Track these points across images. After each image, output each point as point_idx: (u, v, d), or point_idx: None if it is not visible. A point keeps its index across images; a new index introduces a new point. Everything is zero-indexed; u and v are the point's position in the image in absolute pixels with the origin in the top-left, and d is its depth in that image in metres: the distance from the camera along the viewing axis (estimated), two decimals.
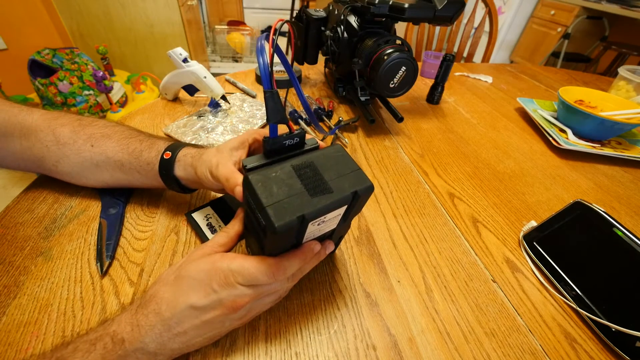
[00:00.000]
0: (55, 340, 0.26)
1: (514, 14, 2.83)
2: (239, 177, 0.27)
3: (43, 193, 0.39)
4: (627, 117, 0.61)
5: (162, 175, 0.34)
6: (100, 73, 1.21)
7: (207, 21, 2.69)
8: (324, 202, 0.21)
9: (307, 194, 0.21)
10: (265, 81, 0.24)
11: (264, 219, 0.20)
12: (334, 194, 0.21)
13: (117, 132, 0.36)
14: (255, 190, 0.20)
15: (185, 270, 0.24)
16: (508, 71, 1.02)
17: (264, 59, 0.23)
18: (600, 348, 0.30)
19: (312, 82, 0.79)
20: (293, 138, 0.26)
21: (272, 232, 0.19)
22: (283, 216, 0.19)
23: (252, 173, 0.21)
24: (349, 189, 0.22)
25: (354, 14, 0.58)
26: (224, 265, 0.23)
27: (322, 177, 0.22)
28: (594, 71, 2.43)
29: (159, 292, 0.24)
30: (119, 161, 0.35)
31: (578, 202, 0.38)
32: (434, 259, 0.37)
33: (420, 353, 0.28)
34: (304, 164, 0.23)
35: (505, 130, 0.67)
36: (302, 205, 0.20)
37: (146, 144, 0.35)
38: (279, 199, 0.20)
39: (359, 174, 0.23)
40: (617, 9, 2.14)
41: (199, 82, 0.57)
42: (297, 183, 0.21)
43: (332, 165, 0.23)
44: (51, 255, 0.33)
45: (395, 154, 0.55)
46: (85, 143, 0.35)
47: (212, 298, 0.23)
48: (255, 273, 0.23)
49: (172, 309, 0.23)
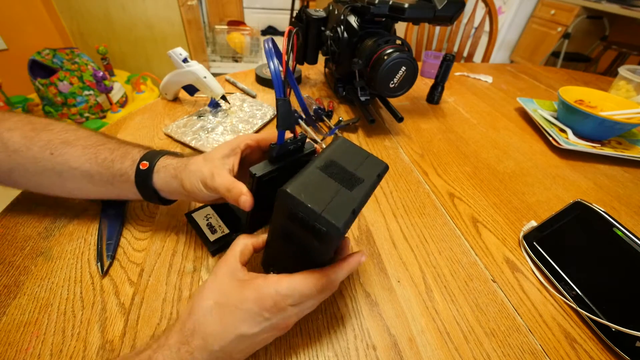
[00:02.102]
0: (55, 340, 0.26)
1: (514, 14, 2.83)
2: (241, 186, 0.26)
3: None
4: (627, 117, 0.61)
5: (139, 187, 0.31)
6: (101, 73, 1.21)
7: (207, 21, 2.69)
8: (363, 191, 0.22)
9: (346, 189, 0.22)
10: (277, 89, 0.24)
11: (324, 226, 0.20)
12: (365, 182, 0.23)
13: (81, 138, 0.32)
14: (301, 201, 0.20)
15: (225, 298, 0.23)
16: (508, 71, 1.02)
17: (275, 65, 0.23)
18: (600, 348, 0.30)
19: (312, 82, 0.79)
20: (297, 142, 0.26)
21: (337, 235, 0.20)
22: (340, 216, 0.20)
23: (287, 186, 0.21)
24: (373, 174, 0.23)
25: (354, 14, 0.58)
26: (272, 291, 0.22)
27: (348, 171, 0.23)
28: (594, 71, 2.43)
29: (202, 326, 0.22)
30: (86, 172, 0.31)
31: (578, 202, 0.38)
32: (434, 259, 0.37)
33: (420, 353, 0.28)
34: (327, 163, 0.23)
35: (505, 130, 0.67)
36: (348, 200, 0.21)
37: (118, 153, 0.32)
38: (327, 202, 0.20)
39: (373, 158, 0.25)
40: (617, 9, 2.14)
41: (199, 82, 0.57)
42: (332, 182, 0.22)
43: (348, 157, 0.24)
44: (51, 255, 0.33)
45: (395, 154, 0.55)
46: (42, 150, 0.30)
47: (264, 325, 0.22)
48: (306, 292, 0.23)
49: (221, 341, 0.22)
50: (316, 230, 0.20)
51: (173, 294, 0.30)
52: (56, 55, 1.18)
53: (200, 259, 0.34)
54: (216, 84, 0.57)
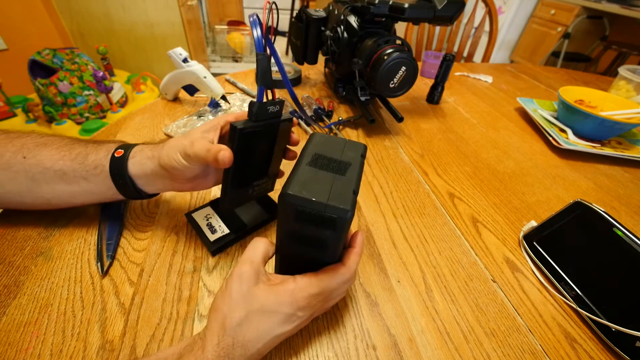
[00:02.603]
0: (55, 340, 0.26)
1: (514, 14, 2.83)
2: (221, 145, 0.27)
3: None
4: (627, 117, 0.61)
5: (114, 176, 0.30)
6: (101, 73, 1.21)
7: (207, 21, 2.69)
8: (355, 172, 0.24)
9: (340, 175, 0.23)
10: (258, 44, 0.25)
11: (333, 213, 0.21)
12: (353, 164, 0.24)
13: (56, 140, 0.32)
14: (306, 198, 0.21)
15: (259, 304, 0.23)
16: (508, 71, 1.02)
17: (257, 30, 0.25)
18: (600, 348, 0.30)
19: (312, 82, 0.79)
20: (275, 105, 0.28)
21: (348, 217, 0.21)
22: (345, 199, 0.21)
23: (286, 189, 0.21)
24: (357, 155, 0.26)
25: (354, 14, 0.58)
26: (305, 294, 0.24)
27: (335, 159, 0.25)
28: (594, 71, 2.43)
29: (240, 336, 0.22)
30: (59, 170, 0.30)
31: (578, 202, 0.38)
32: (434, 259, 0.37)
33: (420, 353, 0.28)
34: (313, 158, 0.25)
35: (505, 130, 0.67)
36: (346, 184, 0.23)
37: (92, 146, 0.31)
38: (328, 191, 0.22)
39: (351, 143, 0.27)
40: (617, 9, 2.14)
41: (199, 82, 0.57)
42: (325, 173, 0.23)
43: (329, 147, 0.26)
44: (51, 255, 0.33)
45: (395, 154, 0.55)
46: (15, 155, 0.30)
47: (297, 323, 0.24)
48: (334, 286, 0.25)
49: (257, 344, 0.23)
50: (327, 220, 0.21)
51: (173, 294, 0.30)
52: (56, 55, 1.18)
53: (200, 259, 0.34)
54: (216, 84, 0.57)
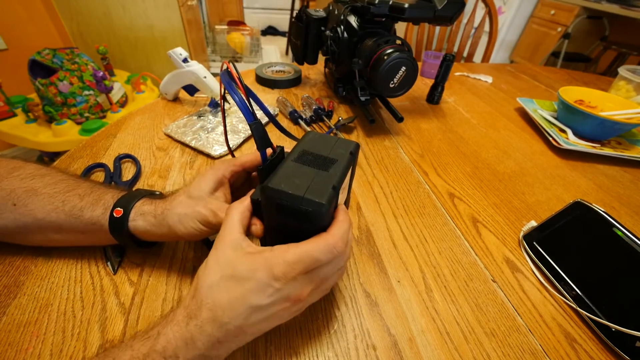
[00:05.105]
0: (55, 340, 0.26)
1: (514, 14, 2.83)
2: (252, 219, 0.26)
3: None
4: (627, 117, 0.61)
5: (113, 233, 0.29)
6: (101, 73, 1.21)
7: (207, 21, 2.69)
8: (339, 169, 0.24)
9: (322, 171, 0.23)
10: (246, 115, 0.26)
11: (309, 206, 0.21)
12: (339, 161, 0.25)
13: (48, 184, 0.30)
14: (283, 190, 0.21)
15: (232, 269, 0.22)
16: (508, 71, 1.02)
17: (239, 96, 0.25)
18: (600, 348, 0.30)
19: (312, 82, 0.79)
20: (278, 155, 0.28)
21: (324, 211, 0.21)
22: (322, 194, 0.21)
23: (268, 182, 0.22)
24: (346, 152, 0.26)
25: (354, 14, 0.58)
26: (280, 260, 0.21)
27: (322, 155, 0.25)
28: (594, 71, 2.43)
29: (208, 299, 0.21)
30: (54, 222, 0.29)
31: (578, 202, 0.38)
32: (434, 259, 0.37)
33: (420, 353, 0.28)
34: (300, 154, 0.25)
35: (505, 130, 0.67)
36: (326, 179, 0.23)
37: (88, 200, 0.29)
38: (307, 186, 0.22)
39: (343, 140, 0.27)
40: (617, 9, 2.14)
41: (199, 82, 0.57)
42: (308, 169, 0.24)
43: (319, 145, 0.26)
44: (51, 255, 0.33)
45: (395, 154, 0.55)
46: (4, 202, 0.28)
47: (275, 297, 0.21)
48: (315, 254, 0.22)
49: (230, 313, 0.21)
50: (303, 213, 0.21)
51: (173, 294, 0.30)
52: (56, 55, 1.18)
53: (200, 259, 0.34)
54: (216, 84, 0.57)
